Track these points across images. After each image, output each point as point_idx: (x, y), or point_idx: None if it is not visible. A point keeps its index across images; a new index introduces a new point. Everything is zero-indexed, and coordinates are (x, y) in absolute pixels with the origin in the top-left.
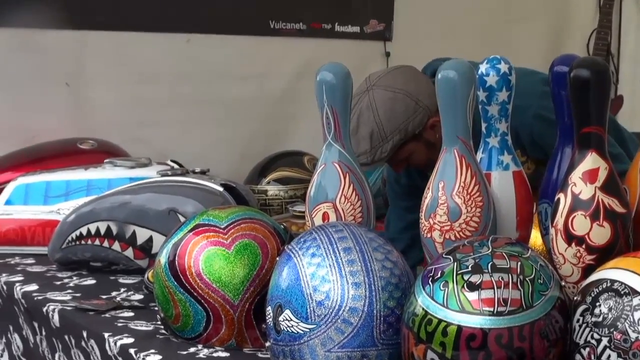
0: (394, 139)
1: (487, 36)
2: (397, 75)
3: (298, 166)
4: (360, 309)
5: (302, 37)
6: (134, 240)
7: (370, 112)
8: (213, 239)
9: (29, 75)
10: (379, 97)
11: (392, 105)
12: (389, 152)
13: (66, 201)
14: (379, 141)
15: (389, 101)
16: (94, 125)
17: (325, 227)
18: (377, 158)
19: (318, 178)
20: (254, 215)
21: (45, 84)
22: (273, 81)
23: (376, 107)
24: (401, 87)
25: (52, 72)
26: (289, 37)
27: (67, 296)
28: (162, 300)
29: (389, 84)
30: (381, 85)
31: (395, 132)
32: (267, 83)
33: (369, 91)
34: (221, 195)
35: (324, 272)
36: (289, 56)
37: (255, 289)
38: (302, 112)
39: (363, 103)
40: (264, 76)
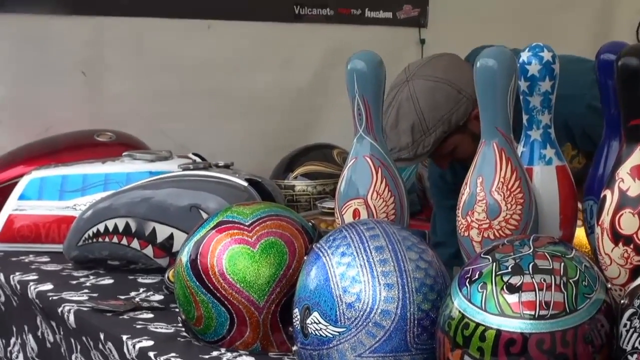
0: (436, 131)
1: (528, 22)
2: (438, 64)
3: (327, 160)
4: (393, 312)
5: (329, 24)
6: (153, 238)
7: (411, 103)
8: (237, 236)
9: (42, 64)
10: (419, 87)
11: (433, 95)
12: (432, 146)
13: (82, 196)
14: (421, 134)
15: (430, 91)
16: (111, 117)
17: (355, 225)
18: (420, 152)
19: (348, 173)
20: (280, 212)
21: (60, 73)
22: (300, 70)
23: (417, 98)
24: (442, 76)
25: (68, 60)
26: (314, 24)
27: (84, 296)
28: (183, 301)
29: (429, 73)
30: (421, 75)
31: (438, 123)
32: (294, 72)
33: (408, 82)
34: (246, 191)
35: (354, 272)
36: (316, 44)
37: (282, 289)
38: (332, 103)
39: (403, 94)
40: (290, 65)
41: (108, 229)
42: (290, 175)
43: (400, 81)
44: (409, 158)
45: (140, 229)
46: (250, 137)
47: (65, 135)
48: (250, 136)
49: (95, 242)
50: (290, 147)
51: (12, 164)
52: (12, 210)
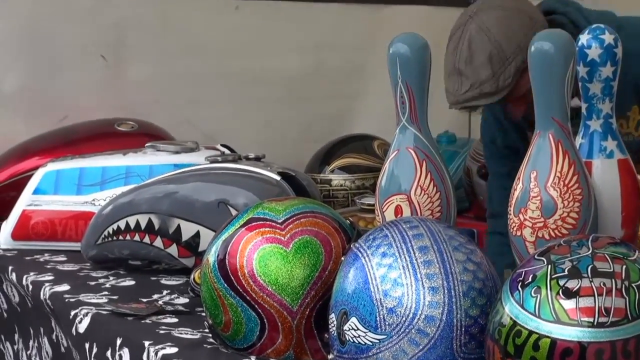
0: (516, 59)
1: None
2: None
3: (367, 152)
4: (438, 318)
5: (367, 3)
6: (178, 236)
7: (483, 35)
8: (269, 235)
9: (58, 48)
10: (488, 18)
11: (506, 23)
12: (513, 76)
13: (102, 190)
14: (500, 64)
15: (502, 19)
16: (133, 104)
17: (398, 223)
18: (502, 85)
19: (390, 166)
20: (316, 208)
21: (78, 57)
22: (337, 53)
23: (489, 28)
24: (511, 4)
25: (86, 43)
26: (352, 3)
27: (103, 298)
28: (210, 305)
29: (496, 4)
30: (487, 8)
31: (516, 50)
32: (331, 55)
33: (473, 17)
34: (278, 185)
35: (396, 274)
36: (355, 24)
37: (317, 293)
38: (372, 90)
39: (471, 29)
40: (327, 47)
41: (129, 226)
42: (327, 169)
43: (463, 21)
44: (492, 92)
45: (164, 226)
46: (283, 127)
47: (84, 125)
48: (284, 126)
49: (116, 240)
50: (326, 137)
51: (26, 156)
52: (26, 205)
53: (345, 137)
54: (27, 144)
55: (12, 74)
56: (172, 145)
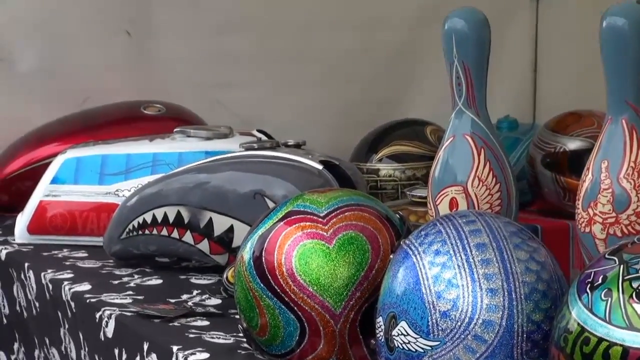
0: None
1: None
2: None
3: (418, 139)
4: (497, 323)
5: None
6: (210, 231)
7: None
8: (310, 230)
9: (79, 23)
10: None
11: None
12: None
13: (126, 180)
14: None
15: None
16: (161, 85)
17: (453, 218)
18: None
19: (444, 154)
20: (362, 200)
21: (101, 33)
22: (387, 30)
23: None
24: None
25: (109, 18)
26: None
27: (127, 299)
28: (245, 307)
29: None
30: None
31: None
32: (378, 33)
33: None
34: (321, 175)
35: (450, 274)
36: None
37: (363, 294)
38: (424, 70)
39: None
40: (375, 23)
41: (156, 220)
42: (374, 157)
43: None
44: None
45: (195, 219)
46: (326, 111)
47: (106, 108)
48: (327, 109)
49: (141, 235)
50: (374, 122)
51: (44, 142)
52: (43, 196)
53: (395, 123)
54: (44, 129)
55: (28, 53)
56: (204, 131)
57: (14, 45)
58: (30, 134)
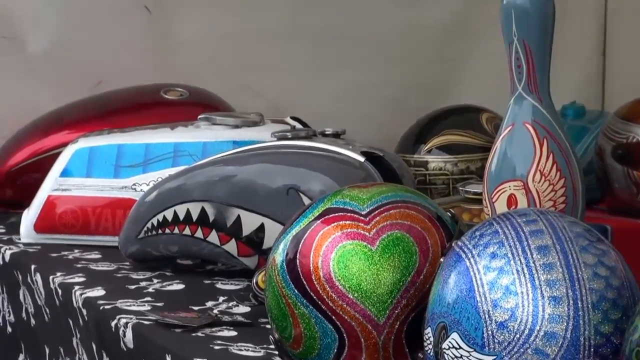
0: None
1: None
2: None
3: (473, 128)
4: (561, 335)
5: None
6: (238, 230)
7: None
8: (350, 230)
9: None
10: None
11: None
12: None
13: (145, 173)
14: None
15: None
16: (183, 67)
17: (511, 217)
18: None
19: (502, 145)
20: (408, 197)
21: (117, 9)
22: (436, 6)
23: None
24: None
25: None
26: None
27: (145, 305)
28: (277, 315)
29: None
30: None
31: None
32: (428, 8)
33: None
34: (362, 168)
35: (508, 280)
36: None
37: (409, 302)
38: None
39: None
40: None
41: (178, 217)
42: (423, 148)
43: None
44: None
45: (221, 217)
46: (369, 96)
47: (122, 92)
48: (370, 94)
49: (161, 234)
50: (423, 109)
51: (53, 129)
52: (52, 190)
53: (446, 109)
54: (53, 115)
55: (37, 31)
56: (231, 118)
57: (22, 23)
58: (37, 121)
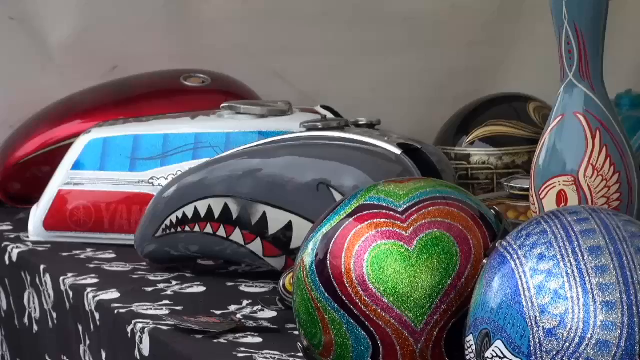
0: None
1: None
2: None
3: (519, 118)
4: (614, 344)
5: None
6: (263, 228)
7: None
8: (385, 228)
9: None
10: None
11: None
12: None
13: (163, 166)
14: None
15: None
16: (205, 51)
17: (561, 215)
18: None
19: (551, 137)
20: (449, 193)
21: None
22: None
23: None
24: None
25: None
26: None
27: (163, 309)
28: (306, 321)
29: None
30: None
31: None
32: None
33: None
34: (399, 162)
35: (557, 284)
36: None
37: (449, 307)
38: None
39: None
40: None
41: (198, 214)
42: (465, 140)
43: None
44: None
45: (245, 214)
46: (406, 83)
47: (139, 78)
48: (407, 81)
49: (181, 233)
50: (465, 97)
51: (65, 118)
52: (63, 184)
53: (491, 98)
54: (64, 103)
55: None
56: (257, 107)
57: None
58: (47, 110)
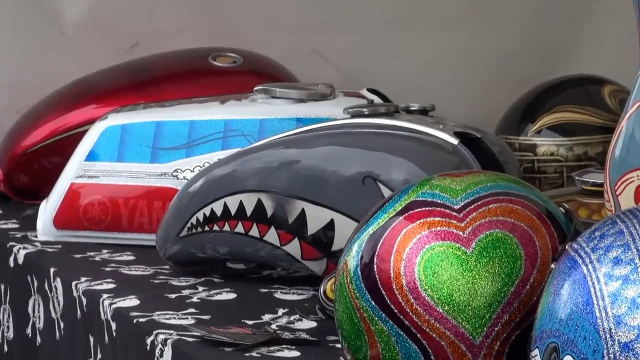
0: None
1: None
2: None
3: (592, 103)
4: None
5: None
6: (302, 227)
7: None
8: (440, 228)
9: None
10: None
11: None
12: None
13: (188, 156)
14: None
15: None
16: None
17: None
18: None
19: (629, 125)
20: (512, 188)
21: None
22: None
23: None
24: None
25: None
26: None
27: (188, 319)
28: (350, 332)
29: None
30: None
31: None
32: None
33: None
34: (455, 153)
35: (635, 291)
36: None
37: (512, 317)
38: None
39: None
40: None
41: (228, 211)
42: (531, 129)
43: None
44: None
45: (281, 211)
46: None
47: (162, 58)
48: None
49: (208, 232)
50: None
51: (78, 103)
52: (75, 177)
53: (560, 81)
54: (78, 85)
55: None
56: (295, 90)
57: None
58: (59, 93)
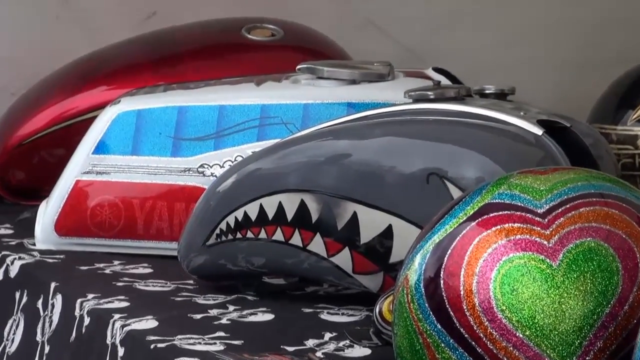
0: None
1: None
2: None
3: None
4: None
5: None
6: (353, 234)
7: None
8: (520, 236)
9: None
10: None
11: None
12: None
13: (217, 149)
14: None
15: None
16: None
17: None
18: None
19: None
20: (608, 188)
21: None
22: None
23: None
24: None
25: None
26: None
27: (216, 344)
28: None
29: None
30: None
31: None
32: None
33: None
34: (539, 145)
35: None
36: None
37: (609, 343)
38: None
39: None
40: None
41: (265, 215)
42: (630, 117)
43: None
44: None
45: (329, 215)
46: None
47: (184, 30)
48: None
49: (240, 240)
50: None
51: (86, 83)
52: (81, 173)
53: None
54: (85, 62)
55: None
56: (345, 69)
57: None
58: (63, 71)
